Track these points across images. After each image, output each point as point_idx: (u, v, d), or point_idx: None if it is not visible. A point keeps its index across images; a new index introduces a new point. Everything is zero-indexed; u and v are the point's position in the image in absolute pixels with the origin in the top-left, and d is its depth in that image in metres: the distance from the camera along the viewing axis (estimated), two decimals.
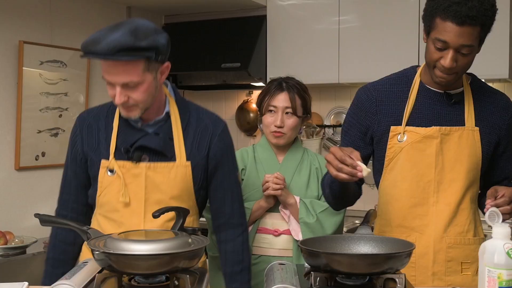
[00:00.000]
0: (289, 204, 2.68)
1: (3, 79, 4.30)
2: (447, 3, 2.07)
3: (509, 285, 1.46)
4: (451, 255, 2.30)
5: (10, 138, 4.37)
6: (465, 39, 2.09)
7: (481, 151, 2.29)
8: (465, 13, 2.04)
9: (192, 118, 2.33)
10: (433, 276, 2.30)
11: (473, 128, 2.29)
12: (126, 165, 2.24)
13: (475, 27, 2.08)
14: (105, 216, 2.31)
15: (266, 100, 2.79)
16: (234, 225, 2.37)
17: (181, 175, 2.26)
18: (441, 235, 2.30)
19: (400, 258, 1.81)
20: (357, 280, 1.87)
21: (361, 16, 4.81)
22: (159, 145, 2.23)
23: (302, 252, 1.91)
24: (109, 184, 2.26)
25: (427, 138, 2.28)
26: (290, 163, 2.81)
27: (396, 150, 2.32)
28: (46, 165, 4.62)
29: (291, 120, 2.76)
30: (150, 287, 1.86)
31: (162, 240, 1.85)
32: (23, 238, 4.07)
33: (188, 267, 1.88)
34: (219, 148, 2.33)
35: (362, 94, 2.44)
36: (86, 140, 2.31)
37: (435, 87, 2.32)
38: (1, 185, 4.31)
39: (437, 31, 2.12)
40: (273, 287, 1.78)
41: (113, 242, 1.85)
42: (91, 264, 1.99)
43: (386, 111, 2.36)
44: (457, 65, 2.14)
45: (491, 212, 1.61)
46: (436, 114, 2.31)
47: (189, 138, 2.29)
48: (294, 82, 2.85)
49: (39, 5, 4.56)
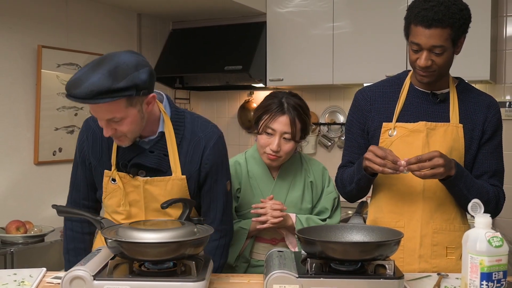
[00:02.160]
0: (288, 226, 2.55)
1: (23, 81, 4.30)
2: (417, 10, 2.16)
3: (490, 271, 1.46)
4: (437, 240, 2.31)
5: (29, 135, 4.37)
6: (435, 40, 2.14)
7: (464, 146, 2.30)
8: (432, 17, 2.11)
9: (186, 132, 2.27)
10: (419, 258, 2.31)
11: (457, 124, 2.30)
12: (126, 177, 2.23)
13: (444, 29, 2.13)
14: (109, 215, 2.33)
15: (265, 120, 2.52)
16: (214, 230, 2.35)
17: (177, 187, 2.24)
18: (427, 221, 2.31)
19: (390, 246, 1.81)
20: (350, 266, 1.87)
21: (353, 23, 4.81)
22: (153, 163, 2.20)
23: (299, 240, 1.90)
24: (113, 190, 2.27)
25: (414, 132, 2.31)
26: (284, 179, 2.62)
27: (387, 144, 2.34)
28: (62, 160, 4.62)
29: (288, 145, 2.53)
30: (159, 272, 1.86)
31: (169, 229, 1.85)
32: (42, 227, 4.07)
33: (194, 254, 1.88)
34: (209, 160, 2.27)
35: (359, 95, 2.48)
36: (92, 148, 2.28)
37: (423, 87, 2.35)
38: (22, 179, 4.31)
39: (412, 35, 2.20)
40: (272, 272, 1.79)
41: (125, 231, 1.85)
42: (104, 252, 1.99)
43: (379, 109, 2.39)
44: (434, 64, 2.20)
45: (474, 203, 1.61)
46: (423, 111, 2.33)
47: (183, 152, 2.25)
48: (296, 103, 2.56)
49: (56, 13, 4.56)
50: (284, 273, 1.78)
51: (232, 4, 4.88)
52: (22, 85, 4.30)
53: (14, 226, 3.88)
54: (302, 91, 5.41)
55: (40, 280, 2.06)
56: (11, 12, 4.21)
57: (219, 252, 2.35)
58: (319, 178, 2.68)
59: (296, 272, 1.80)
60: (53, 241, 4.05)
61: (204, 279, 1.80)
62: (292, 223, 2.55)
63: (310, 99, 5.42)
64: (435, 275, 2.12)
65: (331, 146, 5.33)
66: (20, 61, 4.28)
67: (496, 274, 1.47)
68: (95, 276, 1.79)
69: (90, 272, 1.79)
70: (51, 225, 4.18)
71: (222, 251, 2.36)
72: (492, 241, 1.48)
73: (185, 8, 5.09)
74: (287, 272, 1.78)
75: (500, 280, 1.48)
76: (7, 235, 3.85)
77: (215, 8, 5.02)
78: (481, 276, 1.47)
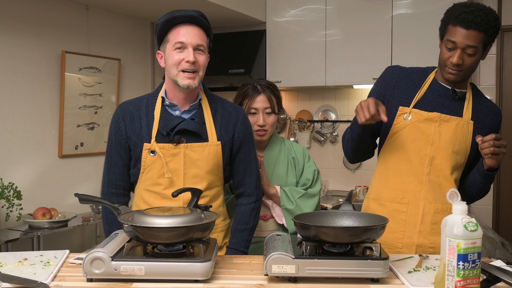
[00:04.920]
0: (271, 194, 2.60)
1: (48, 83, 4.30)
2: (458, 12, 2.18)
3: (466, 253, 1.46)
4: (437, 219, 2.31)
5: (54, 131, 4.37)
6: (471, 41, 2.16)
7: (471, 141, 2.32)
8: (471, 19, 2.14)
9: (218, 107, 2.33)
10: (419, 233, 2.32)
11: (468, 121, 2.32)
12: (165, 147, 2.22)
13: (479, 32, 2.15)
14: (147, 190, 2.28)
15: (246, 103, 2.64)
16: (249, 194, 2.38)
17: (213, 152, 2.25)
18: (430, 201, 2.31)
19: (376, 230, 1.81)
20: (341, 248, 1.87)
21: (343, 31, 4.80)
22: (196, 128, 2.22)
23: (295, 225, 1.90)
24: (151, 163, 2.24)
25: (428, 120, 2.31)
26: (270, 156, 2.68)
27: (400, 127, 2.35)
28: (84, 153, 4.62)
29: (271, 118, 2.64)
30: (170, 254, 1.86)
31: (179, 215, 1.85)
32: (65, 213, 4.08)
33: (201, 237, 1.88)
34: (241, 130, 2.33)
35: (388, 69, 2.48)
36: (130, 126, 2.27)
37: (445, 83, 2.35)
38: (47, 170, 4.32)
39: (448, 34, 2.21)
40: (271, 254, 1.79)
41: (140, 216, 1.85)
42: (121, 235, 1.99)
43: (402, 89, 2.39)
44: (464, 64, 2.21)
45: (451, 192, 1.60)
46: (440, 104, 2.33)
47: (217, 122, 2.29)
48: (266, 83, 2.70)
49: (78, 22, 4.56)
50: (282, 254, 1.78)
51: (236, 14, 4.89)
52: (48, 87, 4.30)
53: (41, 213, 3.89)
54: (298, 92, 5.42)
55: (64, 260, 2.06)
56: (38, 21, 4.20)
57: (254, 214, 2.38)
58: (300, 155, 2.72)
59: (292, 254, 1.80)
60: (75, 226, 4.06)
61: (210, 259, 1.80)
62: (275, 191, 2.60)
63: (304, 98, 5.42)
64: (416, 256, 2.12)
65: (323, 141, 5.33)
66: (46, 65, 4.28)
67: (471, 256, 1.47)
68: (113, 257, 1.79)
69: (109, 254, 1.79)
70: (73, 211, 4.19)
71: (256, 213, 2.40)
72: (468, 226, 1.48)
73: None
74: (284, 253, 1.79)
75: (475, 261, 1.48)
76: (34, 220, 3.85)
77: (221, 18, 5.02)
78: (458, 257, 1.47)
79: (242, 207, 2.38)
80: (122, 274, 1.78)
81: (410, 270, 1.92)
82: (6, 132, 4.00)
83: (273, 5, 5.13)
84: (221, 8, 4.59)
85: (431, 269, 1.94)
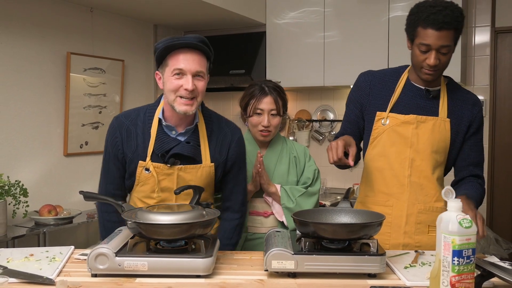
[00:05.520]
0: (271, 192, 2.60)
1: (54, 83, 4.30)
2: (426, 14, 2.12)
3: (461, 248, 1.46)
4: (420, 219, 2.30)
5: (59, 130, 4.37)
6: (444, 41, 2.13)
7: (450, 138, 2.29)
8: (441, 20, 2.09)
9: (215, 127, 2.30)
10: (404, 234, 2.31)
11: (445, 119, 2.29)
12: (160, 167, 2.20)
13: (450, 30, 2.12)
14: (141, 200, 2.28)
15: (253, 104, 2.63)
16: (235, 210, 2.37)
17: (206, 173, 2.24)
18: (413, 202, 2.31)
19: (373, 227, 1.81)
20: (339, 244, 1.87)
21: (341, 32, 4.80)
22: (190, 152, 2.20)
23: (294, 222, 1.91)
24: (146, 179, 2.23)
25: (405, 123, 2.29)
26: (272, 155, 2.68)
27: (379, 132, 2.33)
28: (88, 152, 4.62)
29: (275, 120, 2.63)
30: (172, 250, 1.86)
31: (181, 212, 1.85)
32: (70, 210, 4.08)
33: (203, 234, 1.88)
34: (235, 152, 2.31)
35: (361, 77, 2.46)
36: (126, 142, 2.23)
37: (419, 83, 2.32)
38: (53, 168, 4.32)
39: (420, 37, 2.16)
40: (271, 250, 1.79)
41: (143, 214, 1.85)
42: (125, 232, 1.99)
43: (376, 94, 2.37)
44: (440, 63, 2.18)
45: (447, 189, 1.60)
46: (415, 105, 2.31)
47: (212, 144, 2.27)
48: (274, 85, 2.68)
49: (83, 24, 4.55)
50: (282, 250, 1.78)
51: (237, 16, 4.88)
52: (53, 87, 4.30)
53: (46, 210, 3.88)
54: (297, 92, 5.41)
55: (69, 256, 2.06)
56: (44, 23, 4.20)
57: (238, 230, 2.37)
58: (301, 155, 2.72)
59: (292, 250, 1.80)
60: (80, 222, 4.05)
61: (211, 255, 1.80)
62: (275, 190, 2.59)
63: (303, 98, 5.42)
64: (413, 252, 2.12)
65: (322, 140, 5.33)
66: (52, 66, 4.28)
67: (466, 251, 1.47)
68: (117, 253, 1.79)
69: (113, 250, 1.79)
70: (78, 208, 4.19)
71: (241, 229, 2.39)
72: (463, 223, 1.48)
73: (195, 20, 5.07)
74: (284, 249, 1.79)
75: (470, 257, 1.48)
76: (40, 217, 3.85)
77: (222, 20, 5.02)
78: (453, 253, 1.47)
79: (226, 222, 2.36)
80: (125, 269, 1.78)
81: (406, 266, 1.92)
82: (12, 131, 4.00)
83: (273, 8, 5.13)
84: (222, 10, 4.59)
85: (426, 265, 1.94)
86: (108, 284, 1.74)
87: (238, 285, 1.75)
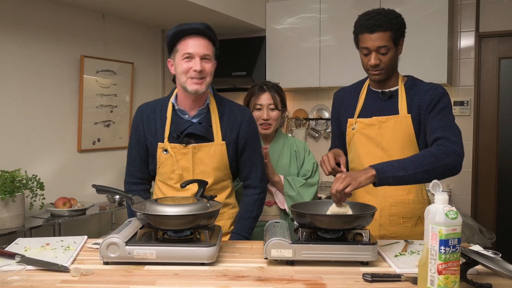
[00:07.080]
0: (275, 181, 2.63)
1: (68, 84, 4.30)
2: (361, 21, 2.22)
3: (447, 238, 1.46)
4: (393, 211, 2.32)
5: (74, 128, 4.37)
6: (379, 42, 2.16)
7: (414, 131, 2.26)
8: (373, 23, 2.16)
9: (226, 109, 2.34)
10: (379, 226, 2.33)
11: (405, 115, 2.27)
12: (176, 147, 2.24)
13: (385, 32, 2.16)
14: (163, 182, 2.33)
15: (253, 100, 2.72)
16: (254, 187, 2.39)
17: (218, 151, 2.27)
18: (385, 196, 2.32)
19: (366, 218, 1.81)
20: (334, 234, 1.87)
21: (336, 37, 4.80)
22: (202, 132, 2.24)
23: (292, 213, 1.91)
24: (165, 160, 2.27)
25: (369, 126, 2.32)
26: (274, 149, 2.73)
27: (351, 136, 2.38)
28: (100, 148, 4.62)
29: (274, 113, 2.69)
30: (178, 239, 1.86)
31: (187, 204, 1.85)
32: (84, 202, 4.08)
33: (207, 224, 1.88)
34: (246, 131, 2.33)
35: (334, 95, 2.53)
36: (147, 127, 2.31)
37: (375, 87, 2.35)
38: (67, 163, 4.32)
39: (361, 43, 2.23)
40: (271, 239, 1.79)
41: (151, 205, 1.85)
42: (134, 222, 1.99)
43: (346, 106, 2.43)
44: (382, 62, 2.21)
45: (434, 183, 1.60)
46: (376, 108, 2.33)
47: (223, 124, 2.30)
48: (272, 84, 2.77)
49: (95, 28, 4.55)
50: (280, 240, 1.78)
51: (238, 22, 4.88)
52: (68, 88, 4.30)
53: (61, 202, 3.89)
54: (295, 92, 5.41)
55: (82, 245, 2.06)
56: (59, 28, 4.20)
57: (258, 204, 2.40)
58: (301, 149, 2.78)
59: (290, 239, 1.80)
60: (93, 214, 4.06)
61: (215, 244, 1.80)
62: (279, 179, 2.63)
63: (301, 98, 5.41)
64: (402, 242, 2.11)
65: (318, 137, 5.33)
66: (66, 68, 4.28)
67: (452, 241, 1.47)
68: (127, 242, 1.79)
69: (123, 239, 1.79)
70: (91, 201, 4.20)
71: (261, 203, 2.41)
72: (449, 214, 1.48)
73: None
74: (282, 239, 1.78)
75: (455, 246, 1.48)
76: (55, 209, 3.86)
77: (225, 25, 5.01)
78: (439, 242, 1.46)
79: (247, 197, 2.40)
80: (135, 257, 1.78)
81: (397, 254, 1.92)
82: (30, 129, 4.00)
83: (272, 14, 5.13)
84: (225, 16, 4.58)
85: (415, 253, 1.94)
86: (118, 271, 1.74)
87: (240, 272, 1.75)
